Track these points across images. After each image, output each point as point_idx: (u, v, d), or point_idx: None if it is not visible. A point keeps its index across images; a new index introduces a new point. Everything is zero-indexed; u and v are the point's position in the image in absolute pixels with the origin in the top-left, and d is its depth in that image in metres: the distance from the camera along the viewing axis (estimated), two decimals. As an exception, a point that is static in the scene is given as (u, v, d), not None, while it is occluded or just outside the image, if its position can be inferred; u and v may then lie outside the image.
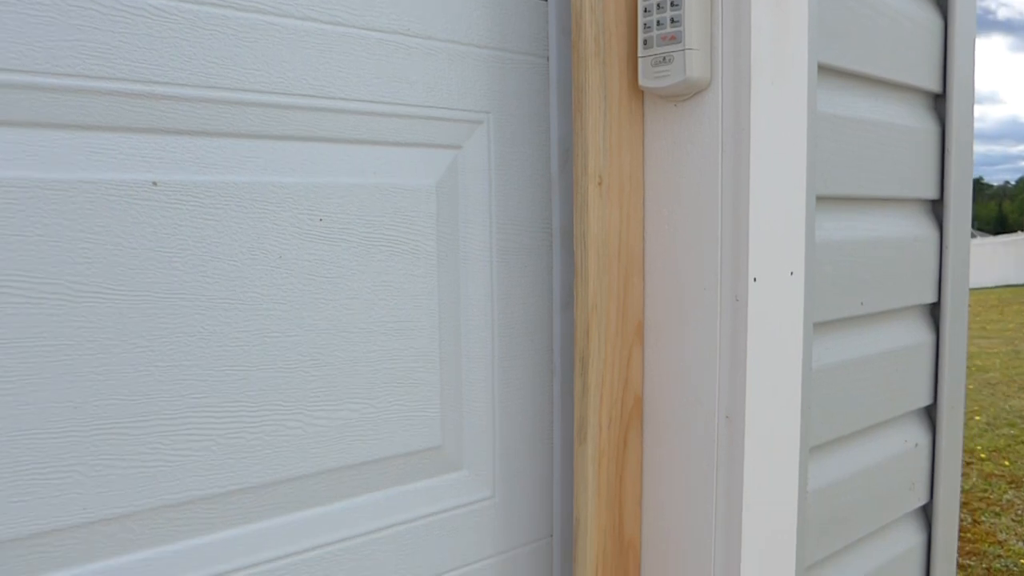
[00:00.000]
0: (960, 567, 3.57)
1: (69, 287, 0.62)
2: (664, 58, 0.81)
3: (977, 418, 6.00)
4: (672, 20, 0.80)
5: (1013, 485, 4.15)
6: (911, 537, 1.17)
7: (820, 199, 0.93)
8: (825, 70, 0.92)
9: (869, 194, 1.00)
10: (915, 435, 1.15)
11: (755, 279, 0.81)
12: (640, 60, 0.83)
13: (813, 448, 0.96)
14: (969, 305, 1.23)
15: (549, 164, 0.91)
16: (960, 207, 1.14)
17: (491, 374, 0.88)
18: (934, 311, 1.15)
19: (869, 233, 1.01)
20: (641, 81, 0.84)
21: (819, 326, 0.95)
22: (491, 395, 0.89)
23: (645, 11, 0.82)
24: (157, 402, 0.67)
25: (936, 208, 1.14)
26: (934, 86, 1.09)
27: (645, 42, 0.83)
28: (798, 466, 0.90)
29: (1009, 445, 4.88)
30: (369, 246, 0.78)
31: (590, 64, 0.82)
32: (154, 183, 0.66)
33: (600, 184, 0.84)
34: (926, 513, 1.19)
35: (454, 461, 0.87)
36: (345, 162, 0.76)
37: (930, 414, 1.17)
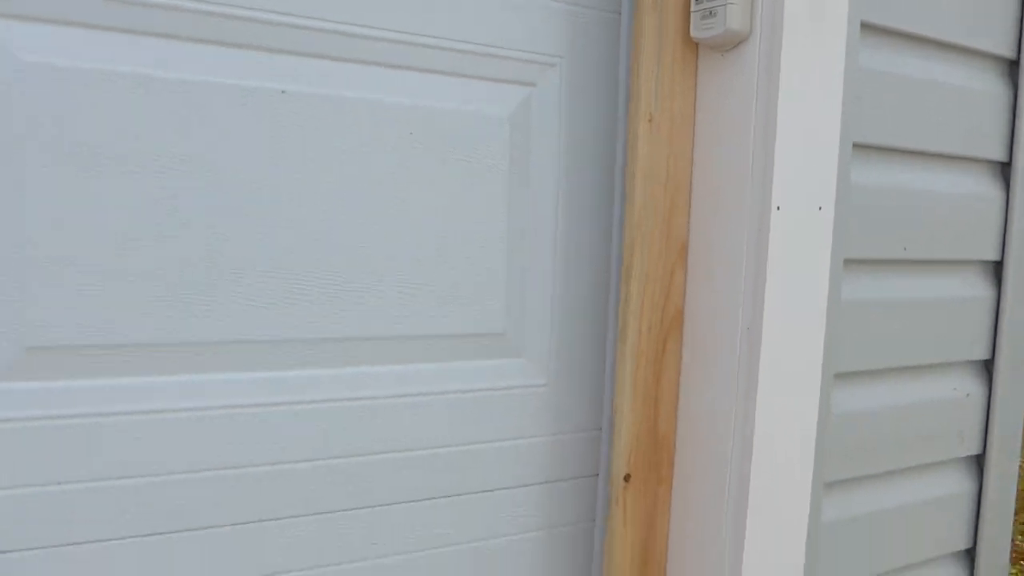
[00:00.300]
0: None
1: (219, 165, 0.84)
2: (710, 11, 0.94)
3: None
4: (717, -22, 0.93)
5: None
6: (957, 484, 1.23)
7: (861, 147, 1.02)
8: (872, 28, 1.01)
9: (919, 147, 1.08)
10: (967, 385, 1.21)
11: (778, 208, 0.93)
12: (692, 14, 0.97)
13: (841, 374, 1.06)
14: None
15: (616, 106, 1.05)
16: (1030, 171, 1.19)
17: (552, 279, 1.04)
18: (997, 269, 1.20)
19: (918, 184, 1.09)
20: (692, 32, 0.97)
21: (853, 262, 1.04)
22: (551, 297, 1.05)
23: (697, -29, 0.96)
24: (281, 262, 0.88)
25: (1004, 171, 1.19)
26: (1007, 52, 1.15)
27: (697, -1, 0.96)
28: (819, 383, 1.01)
29: None
30: (450, 159, 0.96)
31: (647, 16, 0.96)
32: (283, 91, 0.86)
33: (650, 121, 0.98)
34: (979, 464, 1.25)
35: (514, 348, 1.04)
36: (435, 89, 0.94)
37: (988, 368, 1.23)
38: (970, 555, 1.26)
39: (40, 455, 0.82)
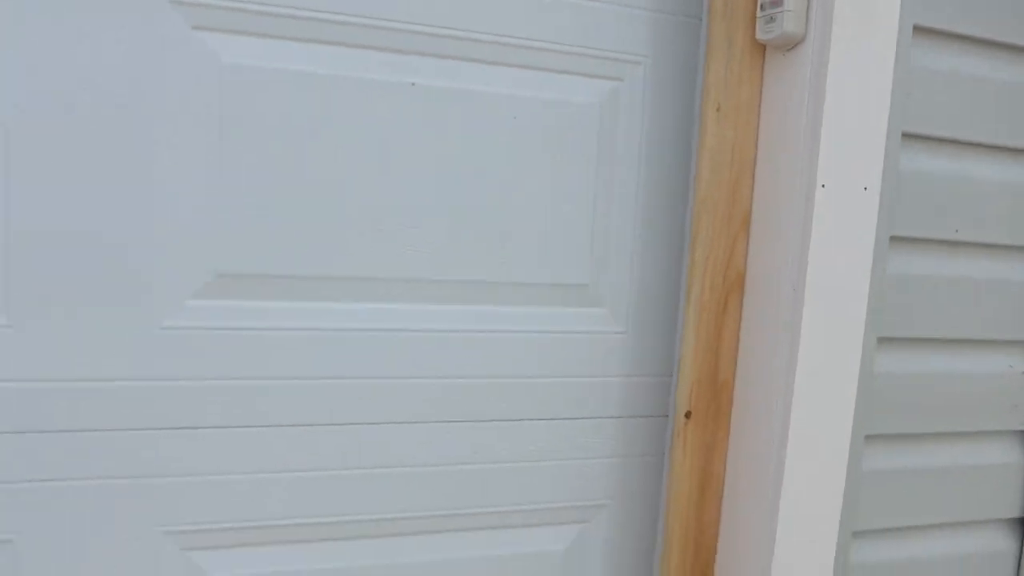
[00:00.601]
0: None
1: (367, 139, 1.09)
2: (771, 17, 1.10)
3: None
4: (778, -12, 1.10)
5: None
6: (1009, 454, 1.32)
7: (910, 136, 1.15)
8: (925, 31, 1.14)
9: (970, 139, 1.19)
10: (1022, 364, 1.30)
11: (823, 186, 1.09)
12: (758, 19, 1.13)
13: (885, 338, 1.19)
14: None
15: (693, 99, 1.23)
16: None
17: (632, 242, 1.24)
18: (1062, 257, 1.29)
19: (970, 172, 1.20)
20: (757, 35, 1.14)
21: (901, 239, 1.17)
22: (631, 257, 1.24)
23: (762, -17, 1.13)
24: (409, 217, 1.12)
25: (1070, 164, 1.27)
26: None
27: (762, 6, 1.12)
28: (860, 343, 1.15)
29: None
30: (548, 139, 1.17)
31: (717, 20, 1.14)
32: (413, 84, 1.10)
33: (718, 110, 1.15)
34: (1035, 438, 1.34)
35: (597, 298, 1.24)
36: (536, 82, 1.16)
37: (1048, 349, 1.32)
38: (1022, 524, 1.35)
39: (224, 357, 1.09)
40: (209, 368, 1.08)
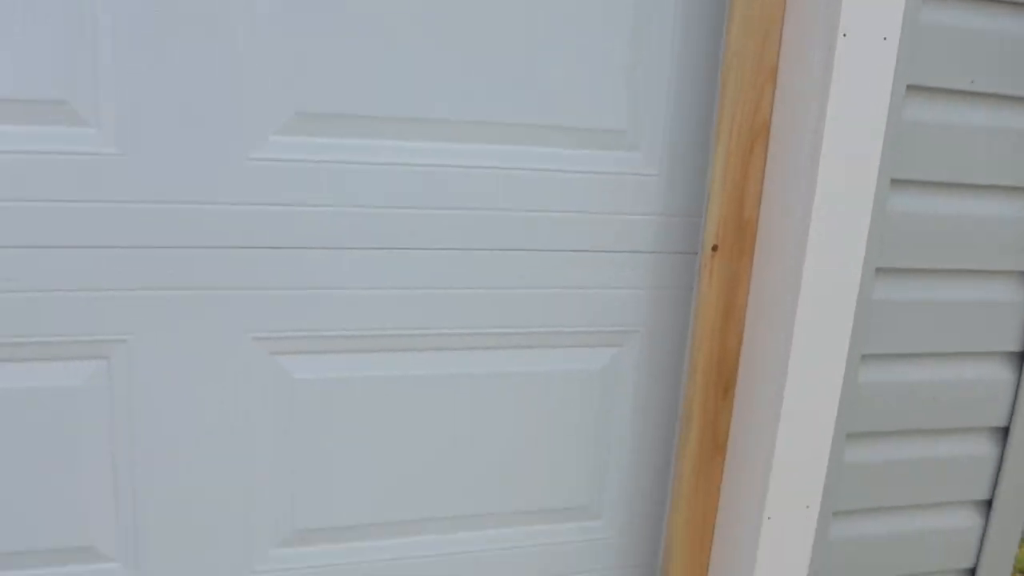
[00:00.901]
0: None
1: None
2: None
3: None
4: None
5: None
6: (1013, 294, 1.44)
7: (932, -11, 1.23)
8: None
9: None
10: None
11: (844, 35, 1.18)
12: None
13: (899, 180, 1.30)
14: None
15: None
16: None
17: (667, 90, 1.35)
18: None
19: (987, 25, 1.28)
20: None
21: (917, 88, 1.26)
22: (666, 104, 1.36)
23: None
24: (460, 63, 1.25)
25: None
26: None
27: None
28: (874, 182, 1.26)
29: None
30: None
31: None
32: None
33: (750, -33, 1.24)
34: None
35: (633, 143, 1.36)
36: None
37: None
38: (1020, 357, 1.48)
39: (303, 186, 1.25)
40: (290, 195, 1.24)
